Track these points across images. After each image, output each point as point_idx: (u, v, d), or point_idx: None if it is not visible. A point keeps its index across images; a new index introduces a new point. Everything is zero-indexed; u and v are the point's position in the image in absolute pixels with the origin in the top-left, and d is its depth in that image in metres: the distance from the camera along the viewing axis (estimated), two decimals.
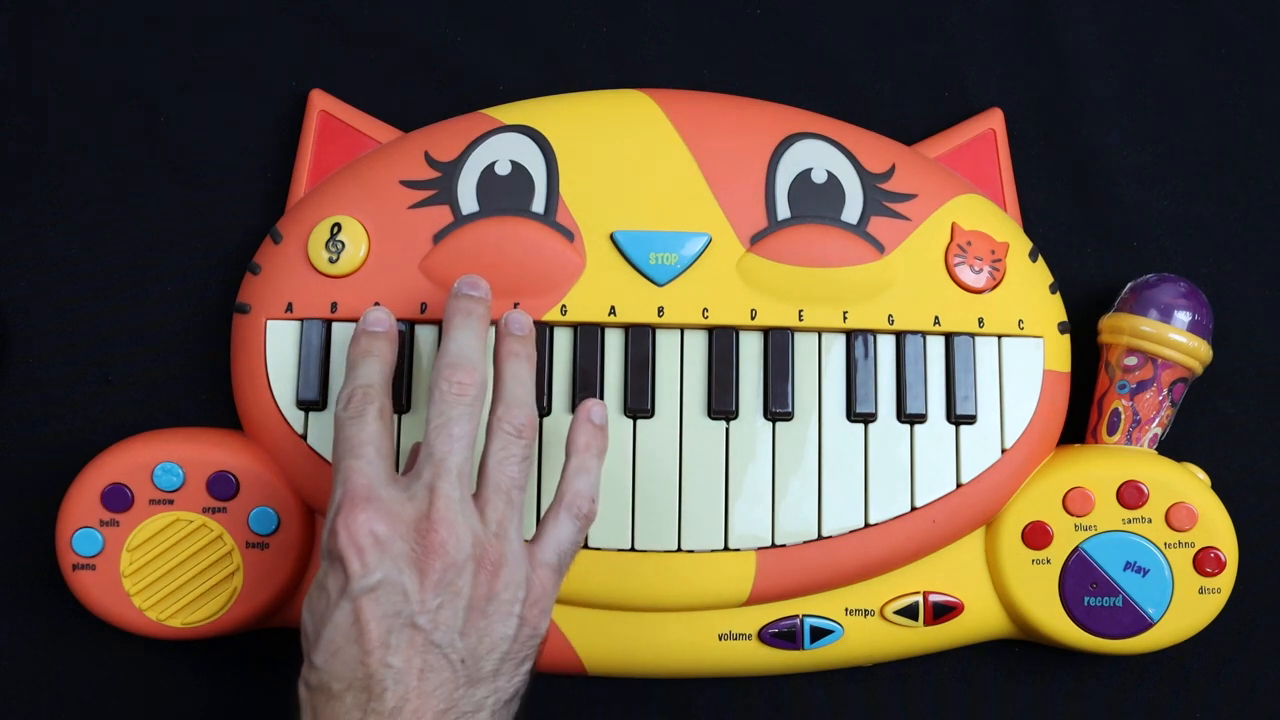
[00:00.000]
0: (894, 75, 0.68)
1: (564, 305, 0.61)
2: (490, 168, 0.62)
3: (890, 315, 0.62)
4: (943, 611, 0.61)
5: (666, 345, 0.62)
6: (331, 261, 0.61)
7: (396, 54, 0.68)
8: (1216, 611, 0.61)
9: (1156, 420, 0.62)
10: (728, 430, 0.61)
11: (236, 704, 0.64)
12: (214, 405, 0.64)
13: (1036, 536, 0.61)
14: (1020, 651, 0.65)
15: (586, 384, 0.60)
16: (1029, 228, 0.66)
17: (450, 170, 0.62)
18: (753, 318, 0.61)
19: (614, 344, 0.61)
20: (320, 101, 0.65)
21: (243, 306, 0.62)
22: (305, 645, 0.51)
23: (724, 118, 0.63)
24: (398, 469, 0.54)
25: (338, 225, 0.61)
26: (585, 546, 0.60)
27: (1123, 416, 0.62)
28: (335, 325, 0.61)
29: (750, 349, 0.62)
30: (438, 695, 0.48)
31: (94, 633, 0.62)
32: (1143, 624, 0.61)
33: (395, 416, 0.59)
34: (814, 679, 0.64)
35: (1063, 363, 0.63)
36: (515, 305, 0.61)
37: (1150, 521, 0.61)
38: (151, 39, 0.67)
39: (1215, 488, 0.62)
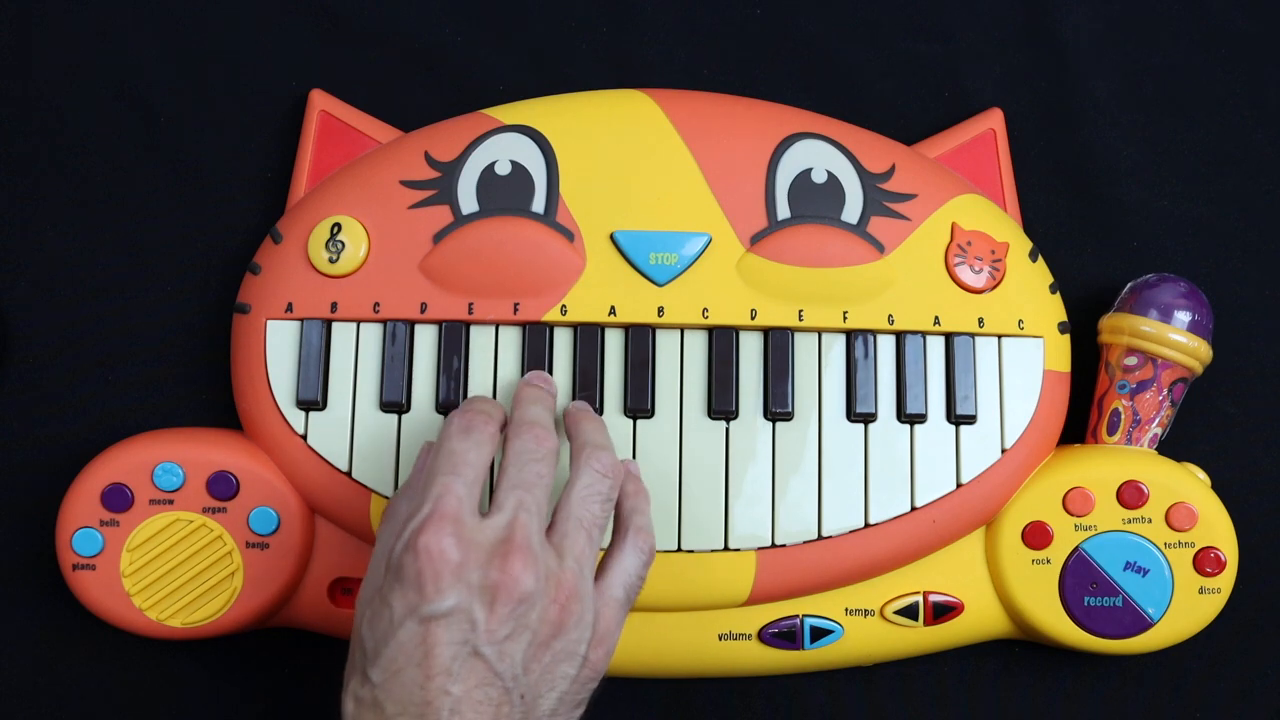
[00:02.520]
0: (894, 75, 0.68)
1: (564, 305, 0.61)
2: (490, 168, 0.62)
3: (890, 315, 0.62)
4: (943, 611, 0.61)
5: (666, 345, 0.62)
6: (331, 261, 0.61)
7: (396, 54, 0.68)
8: (1216, 611, 0.61)
9: (1156, 420, 0.62)
10: (728, 430, 0.61)
11: (236, 704, 0.64)
12: (214, 405, 0.64)
13: (1036, 536, 0.61)
14: (1020, 651, 0.65)
15: (586, 384, 0.60)
16: (1029, 228, 0.66)
17: (450, 170, 0.62)
18: (753, 318, 0.61)
19: (614, 344, 0.61)
20: (320, 101, 0.65)
21: (243, 306, 0.62)
22: (360, 660, 0.49)
23: (724, 118, 0.63)
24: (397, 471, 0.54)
25: (338, 225, 0.61)
26: None
27: (1123, 416, 0.62)
28: (335, 325, 0.61)
29: (750, 349, 0.62)
30: None
31: (94, 633, 0.62)
32: (1143, 624, 0.61)
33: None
34: (814, 679, 0.64)
35: (1063, 363, 0.63)
36: (515, 306, 0.61)
37: (1150, 521, 0.61)
38: (151, 39, 0.67)
39: (1215, 488, 0.62)
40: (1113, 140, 0.68)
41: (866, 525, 0.61)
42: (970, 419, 0.61)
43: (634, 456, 0.60)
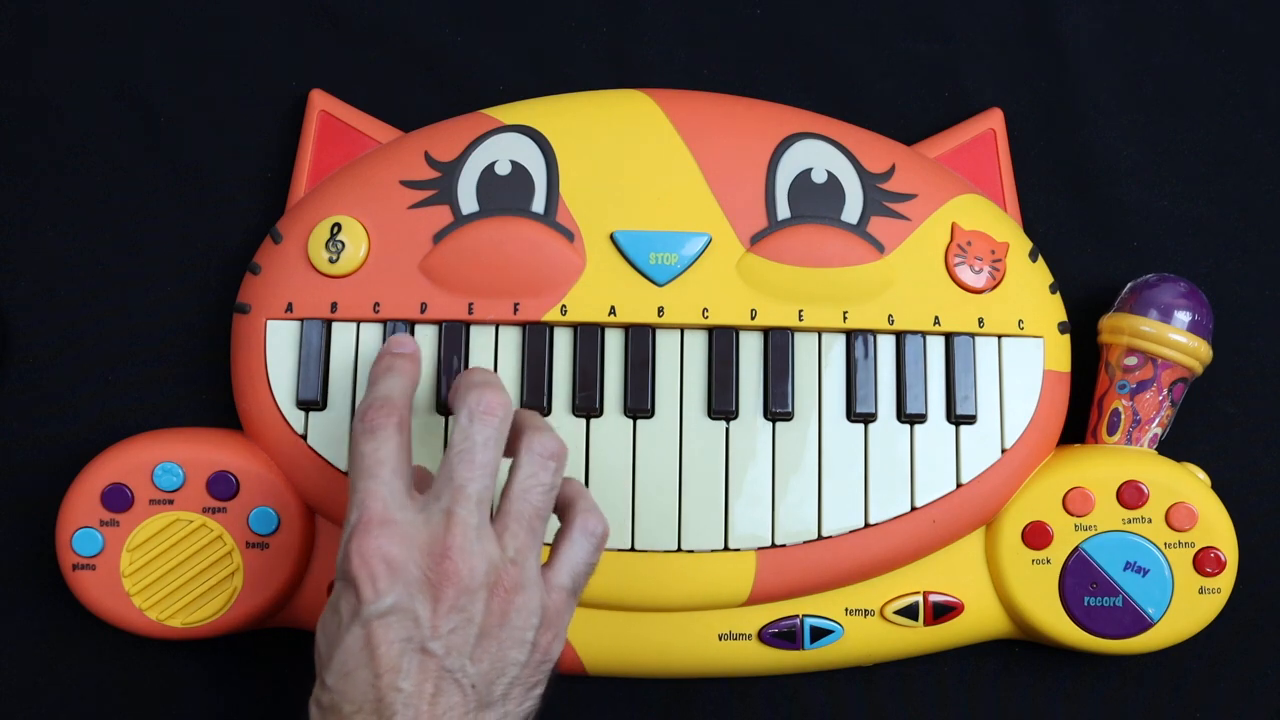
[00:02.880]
0: (894, 75, 0.68)
1: (564, 305, 0.61)
2: (490, 168, 0.62)
3: (890, 315, 0.62)
4: (943, 611, 0.61)
5: (666, 345, 0.62)
6: (331, 261, 0.61)
7: (396, 54, 0.68)
8: (1216, 611, 0.61)
9: (1156, 420, 0.62)
10: (728, 430, 0.61)
11: (236, 704, 0.63)
12: (214, 405, 0.64)
13: (1036, 536, 0.61)
14: (1020, 651, 0.65)
15: (586, 384, 0.60)
16: (1029, 228, 0.66)
17: (450, 170, 0.62)
18: (753, 318, 0.61)
19: (614, 344, 0.61)
20: (320, 101, 0.65)
21: (243, 306, 0.62)
22: (318, 665, 0.51)
23: (724, 118, 0.63)
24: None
25: (338, 225, 0.61)
26: None
27: (1123, 416, 0.62)
28: (335, 325, 0.61)
29: (750, 349, 0.62)
30: (448, 718, 0.48)
31: (94, 633, 0.62)
32: (1143, 624, 0.61)
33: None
34: (814, 679, 0.64)
35: (1063, 363, 0.63)
36: (515, 306, 0.61)
37: (1150, 521, 0.61)
38: (151, 39, 0.67)
39: (1215, 488, 0.62)
40: (1113, 140, 0.68)
41: (866, 525, 0.61)
42: (970, 419, 0.61)
43: (634, 456, 0.60)
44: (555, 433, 0.54)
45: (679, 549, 0.60)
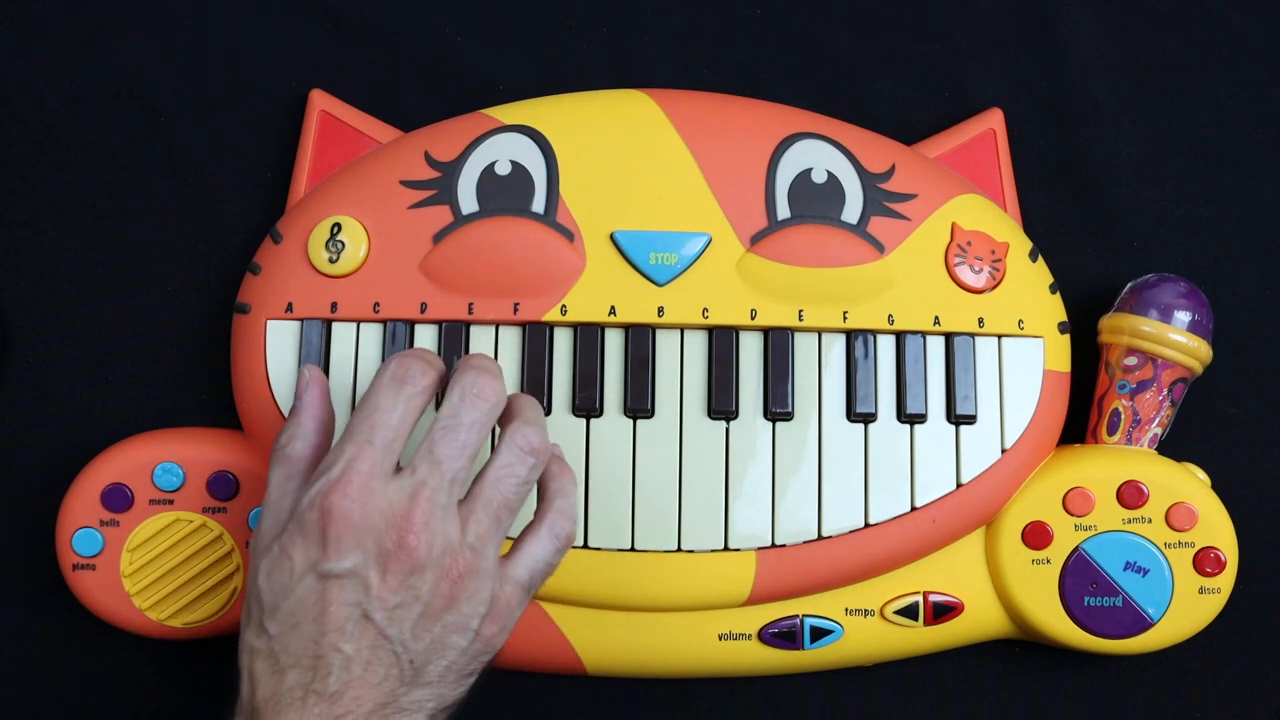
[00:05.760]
0: (894, 75, 0.68)
1: (564, 305, 0.61)
2: (490, 168, 0.62)
3: (890, 315, 0.62)
4: (943, 611, 0.61)
5: (666, 345, 0.62)
6: (331, 261, 0.61)
7: (396, 54, 0.68)
8: (1216, 611, 0.61)
9: (1156, 420, 0.62)
10: (728, 430, 0.61)
11: (236, 704, 0.63)
12: (214, 405, 0.64)
13: (1036, 536, 0.61)
14: (1020, 651, 0.65)
15: (586, 384, 0.60)
16: (1029, 228, 0.66)
17: (450, 170, 0.62)
18: (753, 318, 0.61)
19: (614, 344, 0.61)
20: (320, 101, 0.65)
21: (243, 306, 0.62)
22: (257, 611, 0.50)
23: (724, 118, 0.63)
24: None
25: (338, 225, 0.61)
26: (584, 546, 0.60)
27: (1123, 416, 0.62)
28: (335, 325, 0.61)
29: (750, 349, 0.62)
30: (380, 689, 0.49)
31: (94, 633, 0.62)
32: (1143, 624, 0.61)
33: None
34: (814, 679, 0.64)
35: (1063, 363, 0.63)
36: (515, 306, 0.61)
37: (1150, 521, 0.61)
38: (151, 39, 0.67)
39: (1215, 488, 0.62)
40: (1113, 140, 0.68)
41: (866, 525, 0.61)
42: (970, 419, 0.61)
43: (634, 456, 0.60)
44: (543, 428, 0.53)
45: (679, 549, 0.60)
